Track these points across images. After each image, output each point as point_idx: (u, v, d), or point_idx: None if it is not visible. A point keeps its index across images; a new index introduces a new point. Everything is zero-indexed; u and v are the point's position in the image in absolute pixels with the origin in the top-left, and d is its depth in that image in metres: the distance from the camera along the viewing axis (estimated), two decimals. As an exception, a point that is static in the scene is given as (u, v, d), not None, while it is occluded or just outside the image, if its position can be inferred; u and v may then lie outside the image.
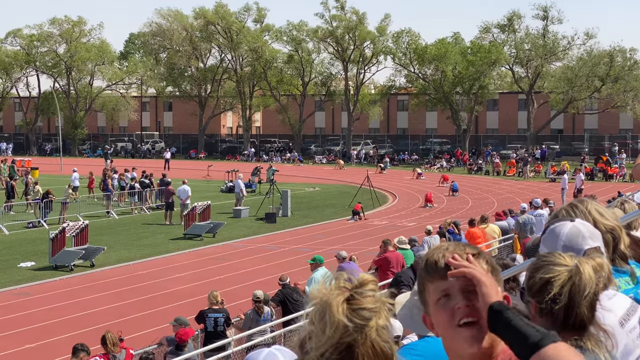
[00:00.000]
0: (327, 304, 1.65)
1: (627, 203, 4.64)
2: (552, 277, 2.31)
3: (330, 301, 1.65)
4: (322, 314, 1.65)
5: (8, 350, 15.54)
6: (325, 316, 1.65)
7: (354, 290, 1.68)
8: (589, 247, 2.96)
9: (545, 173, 59.20)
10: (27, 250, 26.85)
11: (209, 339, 13.00)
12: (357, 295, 1.67)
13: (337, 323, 1.63)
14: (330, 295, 1.66)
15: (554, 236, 3.04)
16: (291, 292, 14.78)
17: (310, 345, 1.67)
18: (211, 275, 22.91)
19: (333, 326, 1.63)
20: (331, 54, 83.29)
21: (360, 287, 1.69)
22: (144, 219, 36.18)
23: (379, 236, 25.04)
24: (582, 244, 2.97)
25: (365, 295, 1.67)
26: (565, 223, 3.07)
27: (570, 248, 2.93)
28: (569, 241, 2.99)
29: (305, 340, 1.70)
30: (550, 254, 2.43)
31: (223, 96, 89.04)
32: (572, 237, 3.00)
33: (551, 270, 2.33)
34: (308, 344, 1.68)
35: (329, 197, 45.39)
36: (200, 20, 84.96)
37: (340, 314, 1.64)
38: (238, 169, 47.73)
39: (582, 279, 2.30)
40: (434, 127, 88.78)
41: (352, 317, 1.64)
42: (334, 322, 1.63)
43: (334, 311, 1.64)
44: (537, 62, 75.60)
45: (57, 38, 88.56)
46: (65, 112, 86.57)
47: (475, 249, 1.95)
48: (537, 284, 2.33)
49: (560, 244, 2.99)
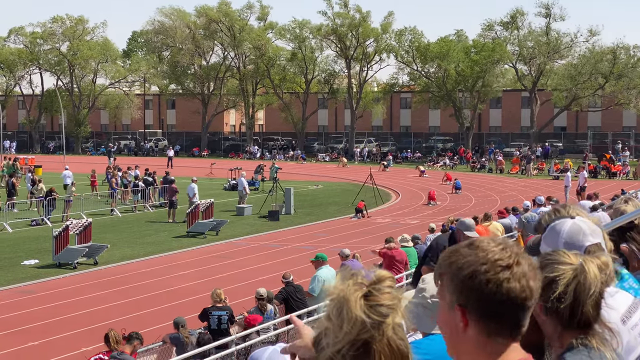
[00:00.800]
0: (345, 299, 1.65)
1: (630, 201, 4.63)
2: (557, 275, 2.30)
3: (348, 297, 1.65)
4: (340, 309, 1.64)
5: (12, 348, 15.58)
6: (343, 312, 1.64)
7: (371, 286, 1.68)
8: (590, 243, 2.97)
9: (549, 171, 59.16)
10: (30, 248, 26.89)
11: (212, 337, 13.02)
12: (375, 291, 1.67)
13: (354, 319, 1.63)
14: (348, 291, 1.65)
15: (555, 233, 3.04)
16: (294, 290, 14.79)
17: (327, 341, 1.66)
18: (214, 273, 22.93)
19: (351, 322, 1.63)
20: (334, 51, 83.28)
21: (378, 284, 1.68)
22: (147, 216, 36.21)
23: (382, 234, 25.04)
24: (583, 241, 2.97)
25: (383, 291, 1.67)
26: (565, 220, 3.06)
27: (571, 245, 2.93)
28: (570, 238, 2.99)
29: (321, 336, 1.70)
30: (555, 253, 2.42)
31: (226, 94, 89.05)
32: (573, 234, 3.00)
33: (556, 269, 2.32)
34: (324, 340, 1.67)
35: (332, 195, 45.40)
36: (203, 18, 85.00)
37: (358, 310, 1.63)
38: (241, 167, 47.74)
39: (588, 278, 2.29)
40: (437, 125, 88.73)
41: (369, 313, 1.63)
42: (352, 318, 1.63)
43: (351, 307, 1.63)
44: (540, 59, 75.48)
45: (60, 36, 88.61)
46: (69, 110, 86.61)
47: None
48: (542, 283, 2.31)
49: (561, 241, 2.99)
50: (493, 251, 1.93)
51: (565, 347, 2.30)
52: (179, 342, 12.73)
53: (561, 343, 2.32)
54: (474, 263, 1.91)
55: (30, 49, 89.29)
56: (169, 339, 12.94)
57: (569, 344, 2.29)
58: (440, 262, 1.99)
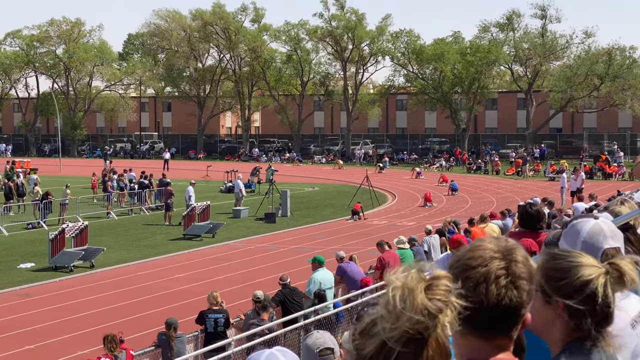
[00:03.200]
0: (410, 288, 1.73)
1: (626, 202, 4.64)
2: (591, 278, 2.24)
3: (413, 286, 1.73)
4: (404, 297, 1.73)
5: (8, 352, 15.54)
6: (407, 299, 1.72)
7: (432, 280, 1.76)
8: (609, 246, 2.91)
9: (545, 172, 59.23)
10: (26, 252, 26.84)
11: (209, 340, 13.00)
12: (434, 286, 1.75)
13: (417, 306, 1.71)
14: (412, 281, 1.74)
15: (575, 232, 2.99)
16: (291, 292, 14.78)
17: (383, 326, 1.73)
18: (211, 275, 22.90)
19: (413, 309, 1.71)
20: (330, 53, 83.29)
21: (438, 280, 1.77)
22: (144, 219, 36.18)
23: (379, 236, 25.03)
24: (602, 243, 2.92)
25: (441, 287, 1.75)
26: (588, 220, 3.01)
27: (590, 245, 2.87)
28: (590, 238, 2.94)
29: (373, 324, 1.76)
30: (569, 253, 2.36)
31: (222, 96, 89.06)
32: (593, 235, 2.94)
33: (586, 270, 2.26)
34: (378, 326, 1.74)
35: (329, 197, 45.39)
36: (198, 21, 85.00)
37: (422, 298, 1.72)
38: (237, 169, 47.72)
39: (623, 279, 2.23)
40: (433, 127, 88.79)
41: (430, 305, 1.72)
42: (415, 306, 1.71)
43: (416, 295, 1.72)
44: (536, 61, 75.58)
45: (56, 39, 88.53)
46: (64, 113, 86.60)
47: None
48: (572, 285, 2.25)
49: (580, 240, 2.94)
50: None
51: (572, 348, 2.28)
52: (164, 343, 12.71)
53: (564, 343, 2.30)
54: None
55: (26, 52, 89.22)
56: (157, 338, 12.97)
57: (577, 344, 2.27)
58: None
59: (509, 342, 2.03)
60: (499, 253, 2.01)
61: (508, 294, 1.97)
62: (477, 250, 2.04)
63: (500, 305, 1.97)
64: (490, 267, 1.99)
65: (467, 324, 1.97)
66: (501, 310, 1.97)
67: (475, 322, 1.98)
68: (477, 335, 2.01)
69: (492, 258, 2.00)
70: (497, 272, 1.98)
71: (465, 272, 2.00)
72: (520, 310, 1.99)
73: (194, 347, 13.36)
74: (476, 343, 2.01)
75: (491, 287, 1.97)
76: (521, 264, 2.01)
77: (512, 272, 1.99)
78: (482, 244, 2.06)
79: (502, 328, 2.01)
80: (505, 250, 2.02)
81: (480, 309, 1.96)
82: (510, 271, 1.99)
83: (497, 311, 1.97)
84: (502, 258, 2.01)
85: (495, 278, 1.97)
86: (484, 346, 2.01)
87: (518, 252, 2.03)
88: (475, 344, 2.01)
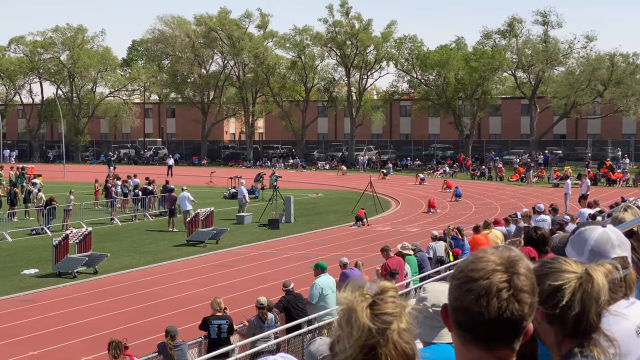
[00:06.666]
0: (353, 309, 1.83)
1: (630, 209, 4.63)
2: (562, 284, 2.26)
3: (356, 307, 1.83)
4: (349, 318, 1.84)
5: (12, 358, 15.54)
6: (352, 320, 1.83)
7: (376, 297, 1.85)
8: (616, 255, 2.88)
9: (549, 178, 59.14)
10: (30, 258, 26.87)
11: (212, 346, 12.99)
12: (379, 301, 1.84)
13: (362, 326, 1.82)
14: (355, 301, 1.84)
15: (582, 240, 2.96)
16: (294, 298, 14.77)
17: (339, 348, 1.85)
18: (214, 282, 22.90)
19: (359, 329, 1.82)
20: (334, 59, 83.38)
21: (382, 294, 1.86)
22: (147, 225, 36.19)
23: (382, 242, 25.01)
24: (609, 252, 2.89)
25: (386, 301, 1.85)
26: (595, 227, 2.98)
27: (597, 254, 2.84)
28: (597, 247, 2.91)
29: (335, 343, 1.88)
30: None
31: (226, 102, 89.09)
32: (600, 243, 2.91)
33: (560, 277, 2.28)
34: (337, 347, 1.86)
35: (332, 203, 45.38)
36: (202, 27, 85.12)
37: (365, 318, 1.82)
38: (241, 176, 47.74)
39: (595, 286, 2.25)
40: (436, 133, 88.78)
41: (374, 321, 1.82)
42: (360, 326, 1.82)
43: (359, 316, 1.82)
44: (539, 67, 75.54)
45: (60, 45, 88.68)
46: (68, 119, 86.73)
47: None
48: (545, 291, 2.27)
49: (587, 248, 2.91)
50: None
51: (565, 355, 2.29)
52: (164, 352, 12.72)
53: (560, 351, 2.30)
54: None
55: (30, 58, 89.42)
56: (157, 346, 12.98)
57: (569, 353, 2.28)
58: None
59: (511, 353, 2.03)
60: (502, 265, 2.00)
61: (510, 307, 1.95)
62: (479, 262, 2.02)
63: (501, 318, 1.96)
64: (492, 280, 1.97)
65: (469, 334, 1.99)
66: (503, 323, 1.96)
67: (477, 333, 1.99)
68: (478, 346, 2.01)
69: (494, 271, 1.99)
70: (499, 285, 1.97)
71: (467, 284, 1.99)
72: (521, 323, 1.98)
73: (198, 353, 13.34)
74: (478, 354, 2.02)
75: (492, 301, 1.95)
76: (523, 276, 1.99)
77: (514, 285, 1.97)
78: (484, 255, 2.04)
79: (503, 340, 2.00)
80: (508, 262, 2.00)
81: (481, 321, 1.96)
82: (512, 284, 1.97)
83: (498, 324, 1.96)
84: (505, 271, 1.99)
85: (497, 291, 1.96)
86: (485, 357, 2.01)
87: (521, 264, 2.01)
88: (477, 355, 2.02)
